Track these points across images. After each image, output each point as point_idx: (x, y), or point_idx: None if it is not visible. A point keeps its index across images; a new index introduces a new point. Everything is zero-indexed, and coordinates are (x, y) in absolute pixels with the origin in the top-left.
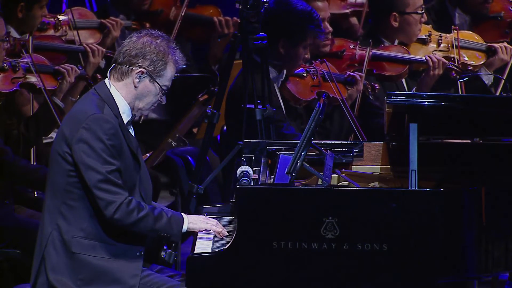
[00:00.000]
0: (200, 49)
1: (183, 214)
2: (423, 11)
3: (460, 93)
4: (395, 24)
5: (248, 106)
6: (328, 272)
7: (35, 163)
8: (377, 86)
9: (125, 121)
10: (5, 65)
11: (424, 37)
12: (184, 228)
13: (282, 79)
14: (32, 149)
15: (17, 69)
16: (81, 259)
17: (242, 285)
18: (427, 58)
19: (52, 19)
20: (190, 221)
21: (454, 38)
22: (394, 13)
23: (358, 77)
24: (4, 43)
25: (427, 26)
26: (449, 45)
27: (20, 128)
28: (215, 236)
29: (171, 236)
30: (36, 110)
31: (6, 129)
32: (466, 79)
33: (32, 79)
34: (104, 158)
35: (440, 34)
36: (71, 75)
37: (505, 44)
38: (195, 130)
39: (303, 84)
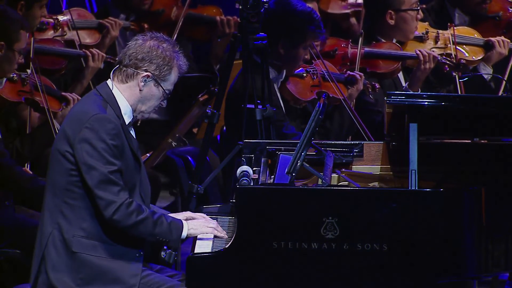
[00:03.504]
0: (200, 49)
1: (183, 220)
2: (418, 8)
3: (459, 91)
4: (392, 22)
5: (248, 106)
6: (328, 272)
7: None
8: (377, 85)
9: (127, 122)
10: (14, 75)
11: (421, 34)
12: (184, 234)
13: (282, 79)
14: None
15: (25, 83)
16: (82, 258)
17: (242, 285)
18: (418, 52)
19: (51, 20)
20: (191, 227)
21: (451, 34)
22: (390, 11)
23: (358, 76)
24: (20, 56)
25: (424, 23)
26: (447, 42)
27: (15, 143)
28: (215, 236)
29: (170, 242)
30: (33, 130)
31: (4, 141)
32: (466, 79)
33: (37, 97)
34: (106, 158)
35: (437, 31)
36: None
37: (502, 37)
38: (195, 130)
39: (303, 84)
